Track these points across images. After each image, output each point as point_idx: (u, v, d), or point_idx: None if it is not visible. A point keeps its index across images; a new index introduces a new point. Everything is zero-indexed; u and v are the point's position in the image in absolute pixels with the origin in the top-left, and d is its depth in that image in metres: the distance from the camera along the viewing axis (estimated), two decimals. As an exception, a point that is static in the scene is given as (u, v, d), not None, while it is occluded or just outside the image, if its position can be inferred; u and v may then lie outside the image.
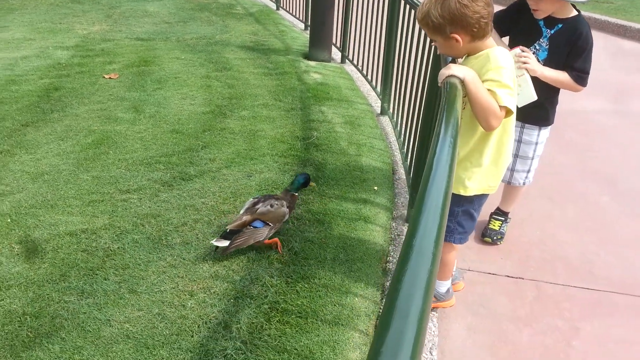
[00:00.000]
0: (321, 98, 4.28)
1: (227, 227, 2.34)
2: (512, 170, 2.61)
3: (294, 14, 7.38)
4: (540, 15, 2.26)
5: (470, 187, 1.90)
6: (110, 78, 4.51)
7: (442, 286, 2.26)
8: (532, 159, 2.57)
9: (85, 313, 2.03)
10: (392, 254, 2.53)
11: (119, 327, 1.96)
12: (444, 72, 1.67)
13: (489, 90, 1.66)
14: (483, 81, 1.67)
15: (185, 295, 2.12)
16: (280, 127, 3.70)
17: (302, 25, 6.98)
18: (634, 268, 2.63)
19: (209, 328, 1.97)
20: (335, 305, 2.12)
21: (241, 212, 2.43)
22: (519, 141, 2.52)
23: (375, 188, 3.01)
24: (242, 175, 3.05)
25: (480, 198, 1.99)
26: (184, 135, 3.51)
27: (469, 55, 1.79)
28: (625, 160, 3.70)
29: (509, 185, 2.69)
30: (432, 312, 2.24)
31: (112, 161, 3.14)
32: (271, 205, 2.39)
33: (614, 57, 6.06)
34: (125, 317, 2.00)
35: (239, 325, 1.99)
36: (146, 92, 4.22)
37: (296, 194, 2.57)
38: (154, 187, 2.88)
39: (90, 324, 1.98)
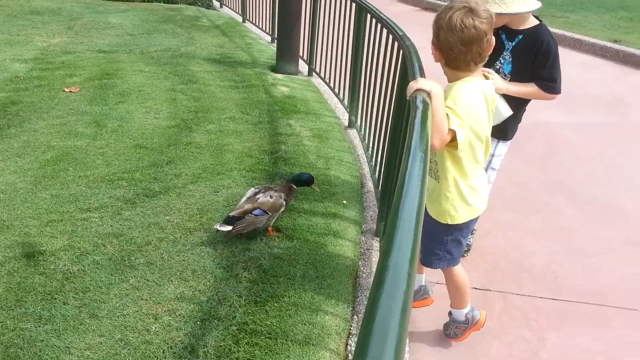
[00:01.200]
0: (289, 111, 4.26)
1: (229, 213, 2.53)
2: None
3: (260, 26, 7.36)
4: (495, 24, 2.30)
5: (455, 215, 1.91)
6: (70, 92, 4.38)
7: (461, 315, 2.19)
8: (486, 170, 2.61)
9: (42, 341, 1.93)
10: (362, 268, 2.52)
11: (79, 354, 1.87)
12: (412, 85, 1.68)
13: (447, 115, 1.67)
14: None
15: (149, 318, 2.05)
16: (247, 141, 3.65)
17: (269, 38, 6.97)
18: (596, 277, 2.69)
19: (175, 353, 1.90)
20: (305, 324, 2.08)
21: (242, 200, 2.61)
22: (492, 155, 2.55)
23: (345, 202, 3.00)
24: (209, 190, 2.99)
25: (469, 224, 1.99)
26: (148, 150, 3.42)
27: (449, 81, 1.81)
28: (585, 171, 3.81)
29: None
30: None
31: (72, 178, 3.03)
32: (270, 197, 2.59)
33: (572, 70, 6.27)
34: (86, 343, 1.91)
35: (206, 349, 1.93)
36: (108, 106, 4.11)
37: (295, 186, 2.73)
38: (116, 204, 2.79)
39: (48, 352, 1.88)
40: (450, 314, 2.24)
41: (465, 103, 1.68)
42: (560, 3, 9.66)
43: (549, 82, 2.28)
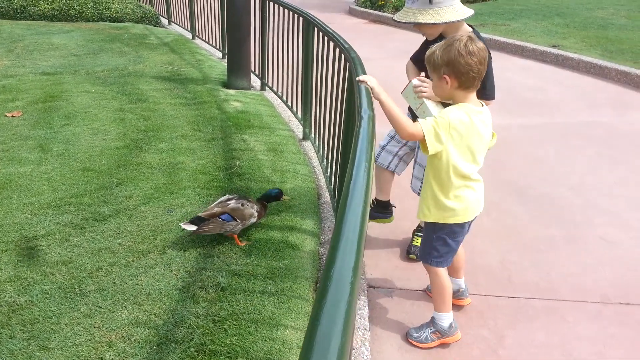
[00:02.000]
0: (242, 126, 4.24)
1: (198, 214, 2.58)
2: (412, 176, 2.72)
3: (210, 42, 7.32)
4: (430, 37, 2.39)
5: (427, 214, 2.13)
6: (12, 116, 4.21)
7: (443, 320, 2.24)
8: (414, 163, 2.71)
9: (-13, 379, 1.82)
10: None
11: (27, 390, 1.78)
12: (362, 77, 2.05)
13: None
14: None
15: (102, 346, 1.97)
16: (201, 158, 3.61)
17: (220, 54, 6.93)
18: (547, 273, 2.79)
19: (131, 380, 1.84)
20: (265, 340, 2.06)
21: (213, 204, 2.66)
22: (418, 147, 2.62)
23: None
24: (162, 211, 2.92)
25: (453, 227, 2.13)
26: (96, 173, 3.32)
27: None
28: (531, 171, 3.96)
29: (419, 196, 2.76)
30: (366, 332, 2.23)
31: (17, 206, 2.90)
32: (242, 204, 2.62)
33: (514, 74, 6.53)
34: (35, 378, 1.82)
35: (164, 373, 1.87)
36: (53, 129, 3.97)
37: (266, 203, 2.80)
38: (63, 231, 2.69)
39: (-7, 390, 1.78)
40: (432, 318, 2.28)
41: (444, 121, 1.91)
42: (501, 12, 10.07)
43: (482, 89, 2.36)
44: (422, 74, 2.30)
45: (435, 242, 2.16)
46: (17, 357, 1.90)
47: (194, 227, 2.52)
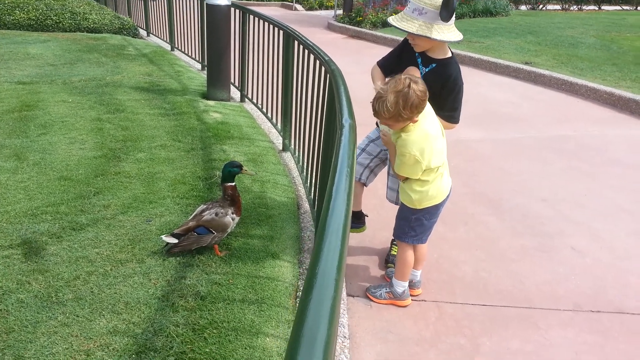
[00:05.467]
0: (222, 137, 4.25)
1: (174, 231, 2.56)
2: (387, 187, 2.78)
3: (189, 54, 7.33)
4: (418, 49, 2.42)
5: (410, 201, 2.40)
6: (-14, 124, 4.14)
7: (399, 286, 2.58)
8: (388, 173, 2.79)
9: (-41, 390, 1.78)
10: (301, 288, 2.53)
11: (2, 400, 1.75)
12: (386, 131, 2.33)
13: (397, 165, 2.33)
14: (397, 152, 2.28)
15: (80, 355, 1.95)
16: (180, 168, 3.60)
17: (199, 66, 6.95)
18: (520, 281, 2.86)
19: (109, 388, 1.82)
20: (246, 348, 2.06)
21: (190, 217, 2.64)
22: (389, 161, 2.68)
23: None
24: (140, 220, 2.91)
25: (429, 209, 2.42)
26: (73, 182, 3.29)
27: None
28: (504, 183, 4.06)
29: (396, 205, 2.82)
30: (345, 340, 2.25)
31: (-9, 215, 2.85)
32: (216, 214, 2.58)
33: (488, 90, 6.71)
34: (10, 388, 1.79)
35: (143, 382, 1.86)
36: (29, 138, 3.92)
37: (232, 184, 2.68)
38: (40, 240, 2.65)
39: (-34, 401, 1.74)
40: (391, 280, 2.61)
41: (408, 155, 2.22)
42: (475, 29, 10.35)
43: (449, 112, 2.45)
44: (387, 79, 2.35)
45: (414, 223, 2.45)
46: (-9, 367, 1.87)
47: (174, 240, 2.53)
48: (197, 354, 2.00)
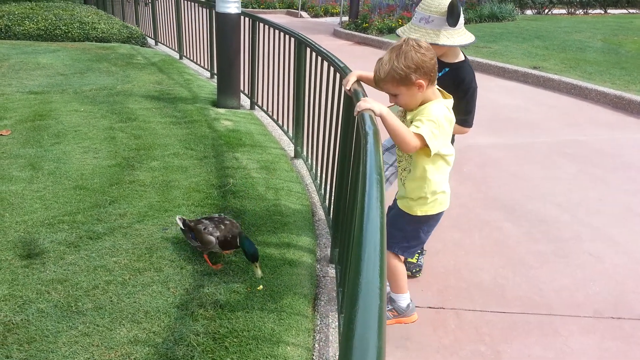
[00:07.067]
0: (234, 145, 4.26)
1: (187, 220, 2.69)
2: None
3: (198, 62, 7.37)
4: None
5: (417, 210, 2.17)
6: (1, 135, 4.17)
7: (402, 300, 2.37)
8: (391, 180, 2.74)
9: (-17, 400, 1.78)
10: (320, 296, 2.52)
11: (26, 411, 1.74)
12: (362, 104, 1.87)
13: (414, 126, 1.92)
14: (415, 120, 1.93)
15: (102, 365, 1.94)
16: (194, 176, 3.61)
17: (208, 74, 6.98)
18: (539, 287, 2.84)
19: (133, 399, 1.81)
20: (266, 357, 2.05)
21: (204, 217, 2.70)
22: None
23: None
24: (157, 229, 2.91)
25: (428, 220, 2.21)
26: (88, 191, 3.30)
27: (420, 104, 1.99)
28: (518, 188, 4.05)
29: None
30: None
31: (9, 224, 2.86)
32: (204, 228, 2.56)
33: (497, 95, 6.70)
34: (34, 399, 1.79)
35: (165, 392, 1.85)
36: (43, 148, 3.94)
37: (228, 251, 2.62)
38: (58, 249, 2.66)
39: (-10, 412, 1.74)
40: (390, 297, 2.41)
41: (431, 121, 1.91)
42: (482, 34, 10.35)
43: (463, 116, 2.42)
44: None
45: (410, 234, 2.24)
46: (15, 378, 1.87)
47: (180, 225, 2.69)
48: (218, 363, 1.99)
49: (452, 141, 2.60)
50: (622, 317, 2.62)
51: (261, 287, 2.47)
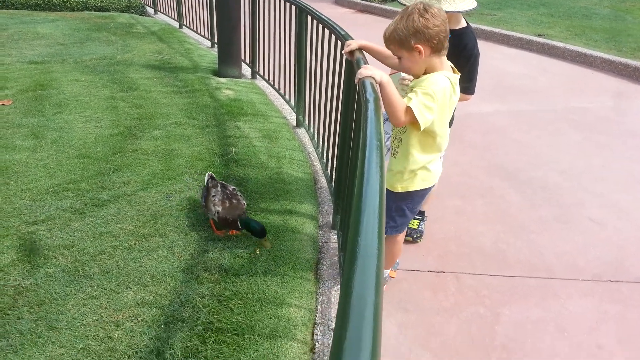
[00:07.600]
0: (236, 114, 4.25)
1: (215, 177, 2.78)
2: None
3: (198, 31, 7.28)
4: None
5: (398, 186, 2.11)
6: (2, 104, 4.16)
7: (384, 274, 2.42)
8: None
9: (-4, 359, 1.83)
10: (322, 260, 2.56)
11: (38, 369, 1.80)
12: (362, 71, 1.83)
13: (408, 97, 1.85)
14: (412, 92, 1.87)
15: (110, 326, 1.99)
16: (196, 145, 3.62)
17: (208, 43, 6.90)
18: (540, 252, 2.87)
19: (141, 357, 1.87)
20: (271, 318, 2.10)
21: (223, 182, 2.75)
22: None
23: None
24: (160, 196, 2.94)
25: (414, 196, 2.14)
26: (92, 160, 3.32)
27: (425, 73, 1.94)
28: (521, 155, 4.04)
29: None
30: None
31: (14, 192, 2.89)
32: (213, 195, 2.59)
33: (501, 63, 6.62)
34: (47, 356, 1.84)
35: (172, 351, 1.90)
36: (46, 117, 3.94)
37: (237, 231, 2.57)
38: (63, 216, 2.69)
39: (4, 370, 1.80)
40: None
41: (431, 94, 1.85)
42: (486, 2, 10.16)
43: (465, 83, 2.38)
44: None
45: (394, 212, 2.18)
46: (26, 337, 1.92)
47: (206, 178, 2.76)
48: (223, 323, 2.04)
49: (452, 119, 2.58)
50: (620, 280, 2.65)
51: (258, 250, 2.50)
